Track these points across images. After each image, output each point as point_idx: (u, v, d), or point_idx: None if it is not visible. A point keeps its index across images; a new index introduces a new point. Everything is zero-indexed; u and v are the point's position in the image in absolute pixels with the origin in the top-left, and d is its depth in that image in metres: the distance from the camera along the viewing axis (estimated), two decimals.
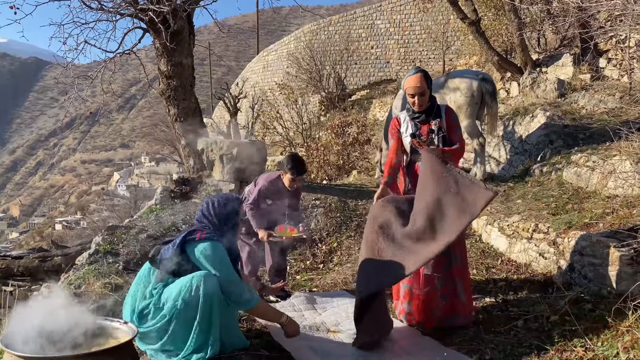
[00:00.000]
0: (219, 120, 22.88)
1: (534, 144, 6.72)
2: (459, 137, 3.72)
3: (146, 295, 3.02)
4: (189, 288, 2.89)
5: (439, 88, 6.53)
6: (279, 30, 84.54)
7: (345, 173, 9.97)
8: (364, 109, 16.09)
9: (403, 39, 19.32)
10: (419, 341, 3.49)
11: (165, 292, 2.97)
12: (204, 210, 3.18)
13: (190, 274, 2.95)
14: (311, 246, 5.50)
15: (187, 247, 3.01)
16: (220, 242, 3.04)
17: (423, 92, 3.63)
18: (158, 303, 2.96)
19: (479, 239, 5.22)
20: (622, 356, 2.83)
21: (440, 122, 3.68)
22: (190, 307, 2.89)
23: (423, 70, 3.70)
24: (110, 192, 55.19)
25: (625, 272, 3.40)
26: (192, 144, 7.28)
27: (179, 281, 2.95)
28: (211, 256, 2.97)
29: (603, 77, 7.97)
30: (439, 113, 3.72)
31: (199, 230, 3.06)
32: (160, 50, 7.84)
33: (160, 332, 2.94)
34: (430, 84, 3.69)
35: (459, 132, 3.74)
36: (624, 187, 4.53)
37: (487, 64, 11.31)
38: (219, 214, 3.14)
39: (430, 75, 3.72)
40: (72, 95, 8.30)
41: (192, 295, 2.89)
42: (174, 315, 2.90)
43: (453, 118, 3.75)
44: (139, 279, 3.12)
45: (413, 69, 3.76)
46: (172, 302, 2.91)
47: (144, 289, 3.04)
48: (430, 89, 3.69)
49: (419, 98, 3.65)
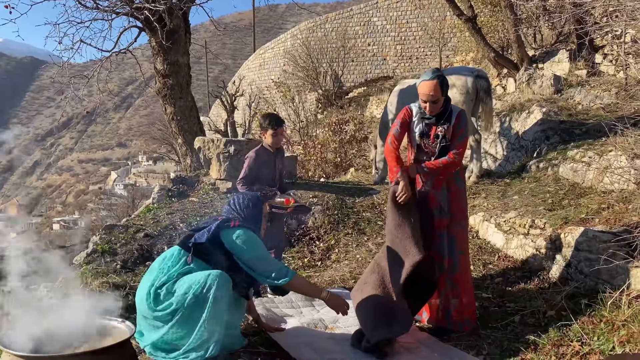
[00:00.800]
0: (216, 118, 22.88)
1: (530, 140, 6.74)
2: (459, 145, 3.51)
3: (168, 274, 3.01)
4: (202, 285, 2.89)
5: None
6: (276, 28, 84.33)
7: (343, 171, 9.98)
8: (361, 106, 16.08)
9: (400, 36, 19.31)
10: (417, 337, 3.51)
11: (180, 281, 2.96)
12: (231, 205, 3.33)
13: (207, 271, 2.95)
14: (309, 244, 5.52)
15: (222, 233, 3.08)
16: (253, 231, 3.17)
17: (436, 100, 3.44)
18: (171, 288, 2.95)
19: (475, 235, 5.23)
20: (618, 350, 2.86)
21: (447, 129, 3.49)
22: (198, 303, 2.88)
23: (440, 76, 3.44)
24: (108, 191, 55.13)
25: (620, 267, 3.42)
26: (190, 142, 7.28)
27: (195, 275, 2.95)
28: (246, 239, 3.07)
29: (599, 72, 7.99)
30: (449, 118, 3.51)
31: (233, 219, 3.18)
32: (156, 49, 7.84)
33: (164, 320, 2.92)
34: (447, 90, 3.48)
35: (461, 140, 3.52)
36: (619, 183, 4.55)
37: (484, 60, 11.32)
38: (244, 210, 3.29)
39: (447, 81, 3.49)
40: (68, 95, 8.30)
41: (203, 293, 2.88)
42: (180, 307, 2.89)
43: (460, 124, 3.51)
44: (165, 256, 3.13)
45: (430, 71, 3.50)
46: (182, 293, 2.90)
47: (170, 267, 3.03)
48: (445, 95, 3.48)
49: (431, 105, 3.46)
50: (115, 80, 78.12)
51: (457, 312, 3.56)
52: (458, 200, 3.63)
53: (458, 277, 3.59)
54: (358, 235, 5.57)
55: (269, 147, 4.40)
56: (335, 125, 10.78)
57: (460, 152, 3.52)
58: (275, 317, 3.79)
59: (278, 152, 4.48)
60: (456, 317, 3.56)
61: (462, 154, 3.55)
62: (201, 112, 14.73)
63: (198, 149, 6.82)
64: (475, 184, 6.16)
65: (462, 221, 3.64)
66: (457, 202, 3.62)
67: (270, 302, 4.05)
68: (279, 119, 4.49)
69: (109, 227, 5.65)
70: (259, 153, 4.37)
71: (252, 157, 4.36)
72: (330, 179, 9.60)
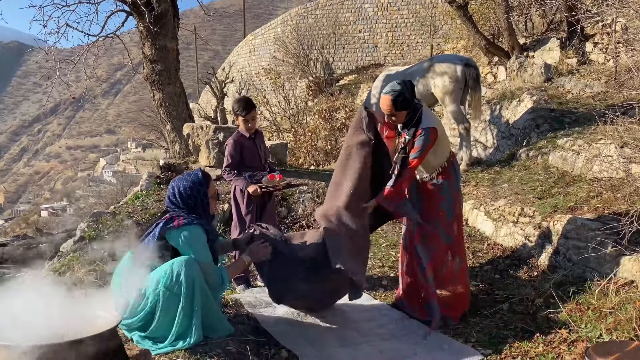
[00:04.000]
0: (205, 105, 22.68)
1: (520, 129, 6.74)
2: (411, 161, 3.40)
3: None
4: (170, 274, 2.87)
5: (424, 73, 6.53)
6: (266, 13, 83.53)
7: (333, 158, 9.95)
8: (351, 93, 16.01)
9: (391, 23, 19.23)
10: (406, 324, 3.52)
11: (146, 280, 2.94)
12: (170, 197, 3.10)
13: (170, 261, 2.92)
14: (298, 231, 5.50)
15: (167, 235, 2.99)
16: (199, 225, 3.02)
17: (392, 115, 3.41)
18: (141, 291, 2.93)
19: (465, 223, 5.24)
20: (606, 337, 2.88)
21: (410, 144, 3.40)
22: (173, 293, 2.87)
23: (395, 92, 3.35)
24: (97, 178, 54.74)
25: (608, 255, 3.44)
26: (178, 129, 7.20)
27: (160, 268, 2.93)
28: (192, 242, 2.96)
29: (589, 61, 8.00)
30: (417, 125, 3.40)
31: (176, 217, 3.02)
32: (144, 33, 7.72)
33: (145, 321, 2.92)
34: (406, 106, 3.38)
35: (417, 153, 3.39)
36: (608, 171, 4.57)
37: (475, 48, 11.30)
38: (185, 201, 3.06)
39: (405, 96, 3.36)
40: (55, 81, 8.16)
41: (173, 282, 2.87)
42: (157, 303, 2.88)
43: (417, 141, 3.38)
44: (121, 269, 3.08)
45: (391, 84, 3.42)
46: (153, 290, 2.89)
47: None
48: (406, 109, 3.39)
49: (389, 118, 3.46)
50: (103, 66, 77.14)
51: (441, 306, 3.55)
52: (431, 198, 3.58)
53: (430, 267, 3.57)
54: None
55: (245, 131, 4.29)
56: (325, 113, 10.74)
57: (414, 162, 3.40)
58: (265, 304, 3.77)
59: (257, 135, 4.36)
60: (440, 312, 3.53)
61: (414, 163, 3.42)
62: (191, 98, 14.59)
63: (187, 135, 6.75)
64: (465, 172, 6.16)
65: (433, 220, 3.56)
66: (429, 201, 3.58)
67: (262, 292, 4.00)
68: (248, 103, 4.25)
69: (96, 215, 5.58)
70: (236, 139, 4.26)
71: (230, 144, 4.25)
72: (321, 166, 9.57)
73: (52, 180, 74.38)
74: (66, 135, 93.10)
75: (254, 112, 4.26)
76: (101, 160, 69.41)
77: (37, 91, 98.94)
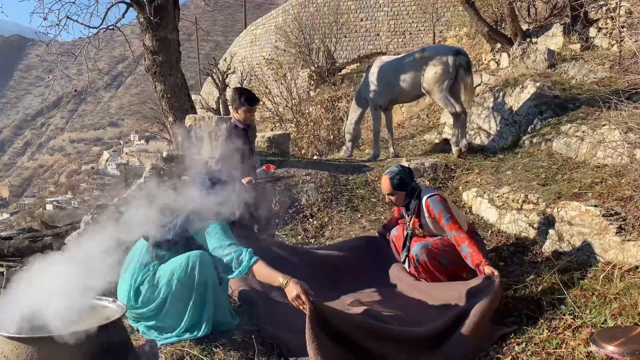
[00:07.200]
0: (207, 96, 22.63)
1: (523, 115, 6.70)
2: (449, 226, 3.54)
3: (145, 269, 2.97)
4: (185, 268, 2.87)
5: (415, 63, 6.55)
6: (267, 3, 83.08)
7: (336, 148, 9.95)
8: (354, 82, 15.93)
9: (393, 11, 19.07)
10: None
11: (160, 270, 2.94)
12: (202, 193, 3.08)
13: (186, 253, 2.91)
14: (302, 221, 5.50)
15: (192, 230, 2.98)
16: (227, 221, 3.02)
17: (391, 194, 3.72)
18: (152, 280, 2.93)
19: (469, 210, 5.23)
20: (610, 323, 2.87)
21: (414, 224, 3.72)
22: (185, 286, 2.87)
23: (392, 172, 3.72)
24: (101, 171, 54.90)
25: (613, 240, 3.43)
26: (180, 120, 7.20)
27: (174, 260, 2.92)
28: (213, 231, 2.93)
29: (593, 46, 7.92)
30: (417, 209, 3.68)
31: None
32: (144, 25, 7.68)
33: (155, 311, 2.92)
34: (403, 186, 3.69)
35: (445, 221, 3.56)
36: (612, 157, 4.54)
37: (477, 35, 11.21)
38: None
39: (402, 177, 3.69)
40: (57, 74, 8.14)
41: (187, 275, 2.86)
42: (168, 295, 2.88)
43: (433, 211, 3.61)
44: (133, 256, 3.07)
45: (390, 168, 3.81)
46: (166, 282, 2.89)
47: (142, 266, 2.99)
48: (402, 190, 3.69)
49: (388, 198, 3.79)
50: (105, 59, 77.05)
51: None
52: (435, 224, 3.70)
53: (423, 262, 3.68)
54: (351, 212, 5.56)
55: (239, 122, 4.33)
56: (328, 103, 10.72)
57: (458, 230, 3.53)
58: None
59: (249, 127, 4.43)
60: None
61: (457, 230, 3.53)
62: (192, 90, 14.55)
63: (189, 126, 6.75)
64: (460, 159, 6.14)
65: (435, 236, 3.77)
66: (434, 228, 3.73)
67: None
68: (254, 96, 4.44)
69: (100, 207, 5.60)
70: (230, 130, 4.28)
71: (225, 135, 4.29)
72: (324, 156, 9.56)
73: (57, 174, 74.62)
74: (69, 129, 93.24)
75: (257, 105, 4.40)
76: (105, 153, 69.57)
77: (40, 85, 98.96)
